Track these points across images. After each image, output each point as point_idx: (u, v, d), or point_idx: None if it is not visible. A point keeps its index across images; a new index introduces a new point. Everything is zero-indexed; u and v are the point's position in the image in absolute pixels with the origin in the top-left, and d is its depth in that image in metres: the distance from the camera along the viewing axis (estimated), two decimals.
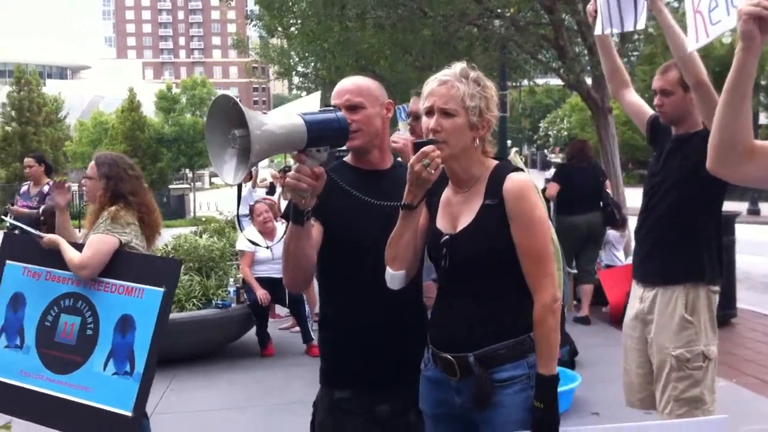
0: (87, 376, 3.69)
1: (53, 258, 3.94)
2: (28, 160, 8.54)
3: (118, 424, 3.60)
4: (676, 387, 3.49)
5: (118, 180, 4.09)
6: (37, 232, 4.19)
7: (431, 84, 2.39)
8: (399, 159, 2.96)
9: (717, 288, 3.60)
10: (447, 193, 2.51)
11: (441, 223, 2.47)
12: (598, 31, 3.74)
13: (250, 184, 11.90)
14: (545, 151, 64.35)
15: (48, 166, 8.56)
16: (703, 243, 3.56)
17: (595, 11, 3.72)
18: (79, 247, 3.94)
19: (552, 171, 25.99)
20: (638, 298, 3.71)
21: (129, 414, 3.59)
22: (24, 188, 8.57)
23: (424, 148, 2.27)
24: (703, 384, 3.48)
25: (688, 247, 3.53)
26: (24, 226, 4.36)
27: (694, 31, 2.64)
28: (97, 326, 3.76)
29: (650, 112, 3.87)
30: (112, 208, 4.00)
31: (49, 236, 4.00)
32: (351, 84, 2.67)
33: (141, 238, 4.08)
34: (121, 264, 3.86)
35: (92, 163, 4.20)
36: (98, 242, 3.88)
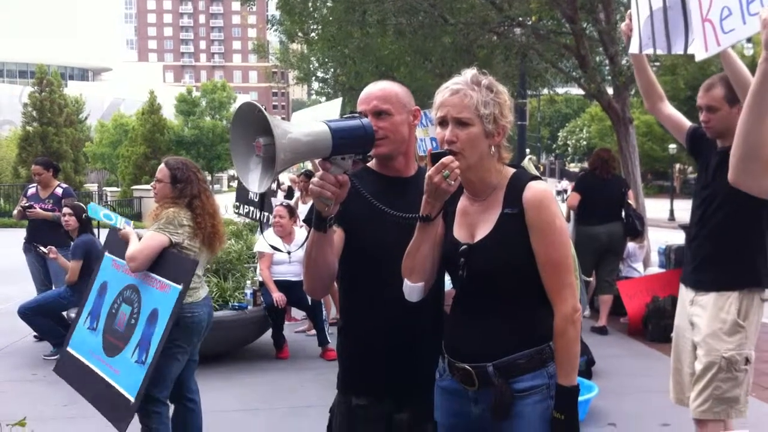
0: (121, 361, 4.06)
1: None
2: (36, 168, 8.44)
3: (123, 407, 3.92)
4: (719, 387, 3.60)
5: (186, 182, 4.35)
6: (120, 225, 4.60)
7: (443, 93, 2.34)
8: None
9: (767, 295, 3.77)
10: (463, 201, 2.47)
11: (458, 233, 2.43)
12: (634, 50, 3.73)
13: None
14: (564, 160, 64.12)
15: (55, 168, 8.58)
16: (757, 250, 3.70)
17: (631, 30, 3.74)
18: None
19: (564, 182, 25.90)
20: (689, 301, 3.82)
21: (132, 400, 3.89)
22: (32, 190, 8.47)
23: (443, 159, 2.22)
24: (743, 385, 3.62)
25: (743, 257, 3.68)
26: (115, 218, 4.70)
27: (703, 39, 2.60)
28: (138, 317, 4.10)
29: (688, 123, 4.00)
30: (170, 210, 4.28)
31: (125, 229, 4.43)
32: (378, 90, 2.62)
33: (195, 240, 4.33)
34: (160, 261, 4.20)
35: (162, 166, 4.44)
36: (149, 238, 4.19)
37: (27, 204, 8.16)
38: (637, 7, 3.70)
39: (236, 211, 10.11)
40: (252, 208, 9.67)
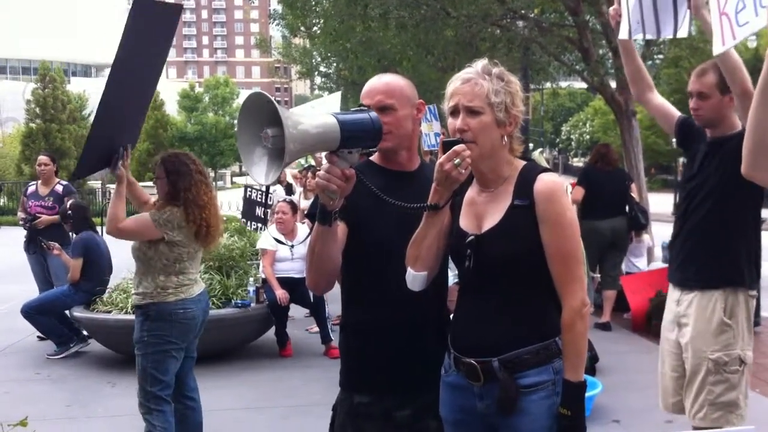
0: None
1: None
2: (43, 158, 8.36)
3: None
4: (712, 391, 3.45)
5: (178, 174, 4.30)
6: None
7: (454, 83, 2.33)
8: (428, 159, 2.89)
9: (755, 292, 3.59)
10: (471, 192, 2.44)
11: (464, 223, 2.40)
12: (623, 35, 3.67)
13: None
14: (568, 154, 64.01)
15: (57, 166, 8.54)
16: (742, 247, 3.55)
17: (619, 15, 3.66)
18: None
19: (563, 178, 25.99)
20: (675, 301, 3.68)
21: None
22: (31, 188, 8.39)
23: (456, 147, 2.20)
24: (739, 389, 3.46)
25: (727, 252, 3.52)
26: None
27: (720, 33, 2.59)
28: None
29: (677, 114, 3.83)
30: (174, 209, 4.26)
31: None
32: (383, 84, 2.59)
33: (191, 237, 4.31)
34: None
35: (158, 163, 4.42)
36: (144, 222, 4.24)
37: (27, 218, 8.11)
38: None
39: (245, 227, 10.26)
40: (260, 225, 9.75)
